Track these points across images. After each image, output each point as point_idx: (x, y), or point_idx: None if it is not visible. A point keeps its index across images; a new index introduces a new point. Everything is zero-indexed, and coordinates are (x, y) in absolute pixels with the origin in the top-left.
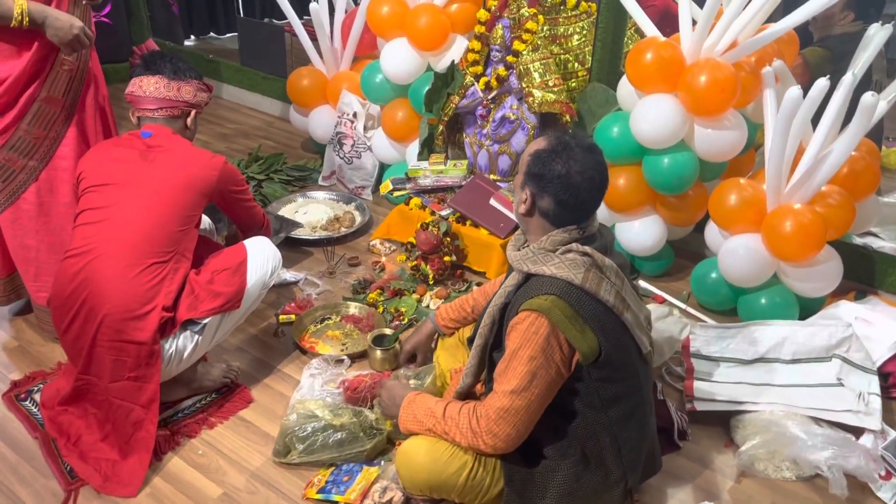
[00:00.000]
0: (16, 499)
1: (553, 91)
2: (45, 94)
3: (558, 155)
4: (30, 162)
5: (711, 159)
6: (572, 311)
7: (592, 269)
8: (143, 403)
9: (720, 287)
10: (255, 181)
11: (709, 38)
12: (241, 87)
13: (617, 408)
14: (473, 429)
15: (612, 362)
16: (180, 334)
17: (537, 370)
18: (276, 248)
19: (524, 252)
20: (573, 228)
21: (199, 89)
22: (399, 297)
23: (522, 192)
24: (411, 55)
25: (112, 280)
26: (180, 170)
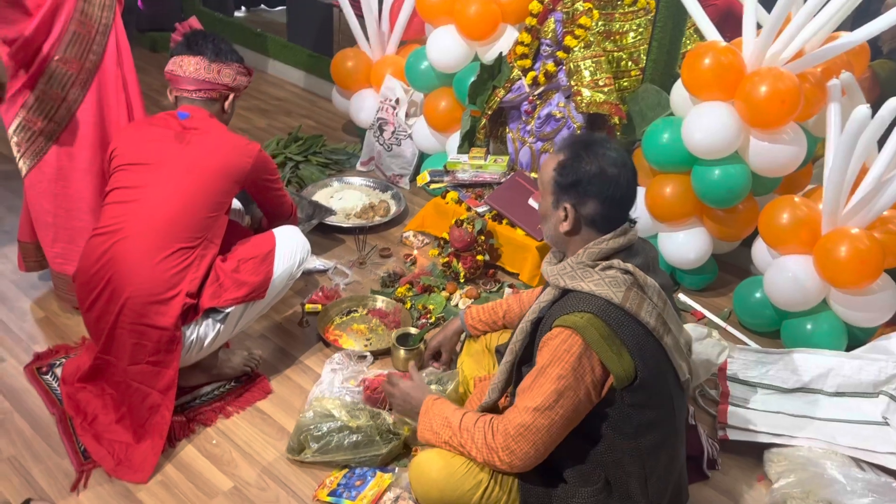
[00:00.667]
0: (28, 475)
1: (603, 91)
2: (60, 56)
3: (583, 157)
4: (49, 124)
5: (766, 174)
6: (609, 332)
7: (634, 288)
8: (161, 389)
9: (764, 308)
10: (292, 162)
11: (773, 46)
12: (287, 64)
13: (648, 436)
14: (489, 444)
15: (648, 388)
16: (202, 321)
17: (565, 390)
18: (305, 238)
19: (561, 266)
20: (614, 236)
21: (239, 73)
22: (428, 294)
23: (558, 210)
24: (458, 43)
25: (137, 263)
26: (214, 155)
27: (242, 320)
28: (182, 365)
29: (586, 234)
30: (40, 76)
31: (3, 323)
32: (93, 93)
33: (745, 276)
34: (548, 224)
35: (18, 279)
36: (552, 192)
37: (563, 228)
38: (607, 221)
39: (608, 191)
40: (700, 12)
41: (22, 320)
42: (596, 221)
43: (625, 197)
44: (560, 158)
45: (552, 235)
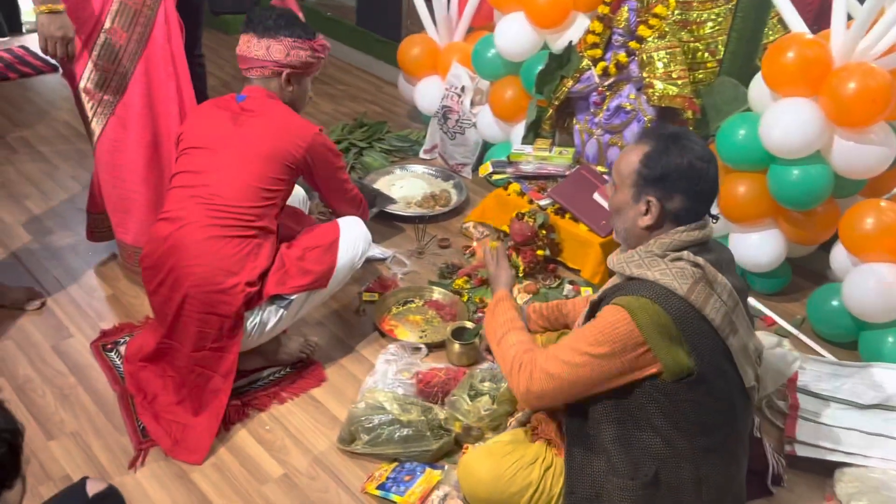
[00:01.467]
0: (88, 450)
1: (676, 84)
2: (110, 25)
3: (671, 150)
4: (105, 96)
5: (850, 176)
6: (667, 320)
7: (701, 283)
8: (223, 373)
9: (841, 317)
10: (356, 148)
11: (865, 40)
12: (355, 48)
13: (705, 438)
14: (512, 373)
15: (707, 386)
16: (266, 307)
17: (596, 357)
18: (367, 229)
19: (629, 254)
20: (689, 229)
21: (294, 47)
22: (486, 287)
23: (639, 203)
24: (527, 31)
25: (197, 251)
26: (267, 138)
27: (305, 308)
28: (243, 349)
29: (669, 227)
30: (93, 47)
31: (73, 299)
32: (142, 65)
33: (820, 281)
34: (623, 217)
35: (90, 258)
36: (634, 184)
37: (643, 223)
38: (692, 216)
39: (696, 185)
40: (786, 1)
41: (90, 297)
42: (680, 217)
43: (712, 192)
44: (646, 150)
45: (627, 229)
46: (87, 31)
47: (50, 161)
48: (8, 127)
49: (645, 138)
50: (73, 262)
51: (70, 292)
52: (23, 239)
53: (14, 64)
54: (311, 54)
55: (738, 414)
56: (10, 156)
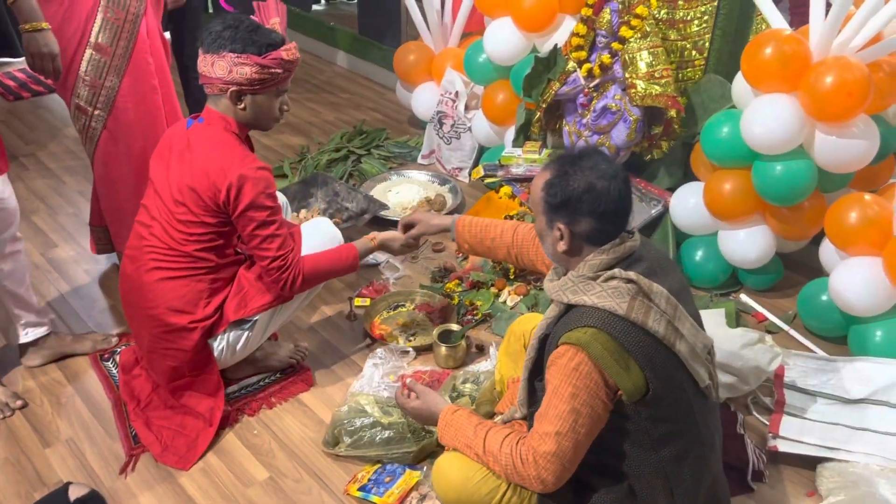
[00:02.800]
0: (81, 456)
1: (660, 83)
2: (95, 41)
3: (569, 174)
4: (95, 111)
5: (833, 170)
6: (615, 345)
7: (639, 297)
8: (211, 392)
9: (830, 312)
10: (354, 156)
11: (843, 32)
12: (358, 57)
13: (669, 447)
14: (518, 471)
15: (663, 400)
16: (230, 331)
17: (581, 408)
18: (336, 230)
19: (562, 281)
20: (614, 245)
21: (235, 63)
22: (476, 290)
23: (552, 231)
24: (515, 35)
25: (151, 295)
26: (194, 175)
27: (272, 323)
28: (222, 367)
29: (587, 250)
30: (80, 63)
31: (73, 309)
32: (128, 79)
33: (814, 276)
34: (545, 244)
35: (91, 268)
36: (543, 211)
37: (560, 248)
38: (605, 236)
39: (600, 206)
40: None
41: (90, 308)
42: (593, 238)
43: (619, 210)
44: (547, 177)
45: (553, 255)
46: (73, 48)
47: (58, 177)
48: (19, 146)
49: (548, 165)
50: (75, 275)
51: (72, 304)
52: (28, 254)
53: (28, 83)
54: (259, 70)
55: (697, 417)
56: (21, 173)
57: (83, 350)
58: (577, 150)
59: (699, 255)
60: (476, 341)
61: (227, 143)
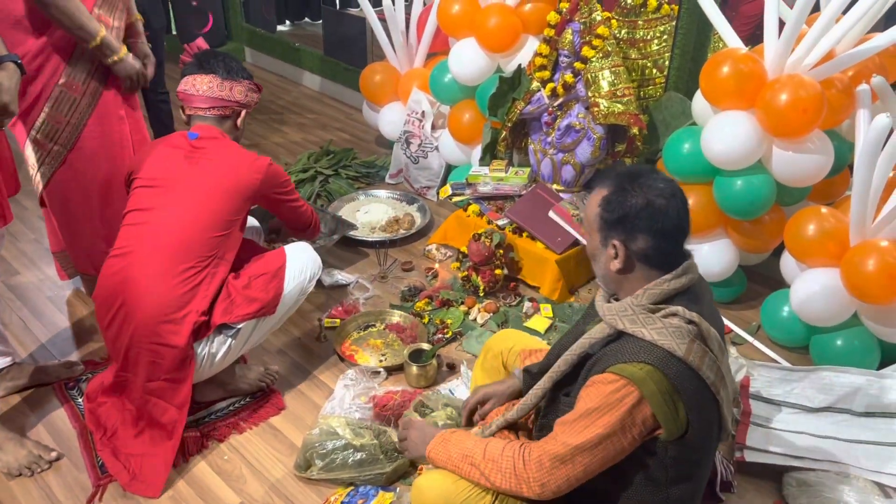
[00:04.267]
0: (47, 488)
1: (621, 101)
2: (66, 80)
3: (628, 189)
4: (54, 146)
5: (791, 184)
6: (669, 386)
7: (697, 341)
8: (178, 404)
9: (792, 323)
10: (322, 176)
11: (797, 51)
12: (324, 77)
13: (681, 487)
14: (519, 473)
15: (694, 442)
16: (214, 337)
17: (609, 436)
18: (316, 254)
19: (621, 306)
20: (675, 277)
21: (250, 89)
22: (446, 309)
23: (607, 248)
24: (480, 56)
25: (148, 284)
26: (224, 173)
27: (254, 336)
28: (196, 380)
29: (641, 271)
30: (47, 100)
31: (36, 338)
32: (95, 114)
33: (777, 287)
34: (598, 264)
35: (54, 294)
36: (599, 228)
37: (614, 267)
38: (661, 256)
39: (658, 223)
40: (719, 16)
41: (55, 336)
42: (649, 257)
43: (676, 228)
44: (604, 193)
45: (604, 275)
46: (42, 84)
47: (18, 202)
48: None
49: (604, 181)
50: (38, 302)
51: (35, 332)
52: None
53: None
54: (258, 96)
55: (711, 459)
56: None
57: (47, 380)
58: (634, 168)
59: None
60: (447, 360)
61: (239, 146)
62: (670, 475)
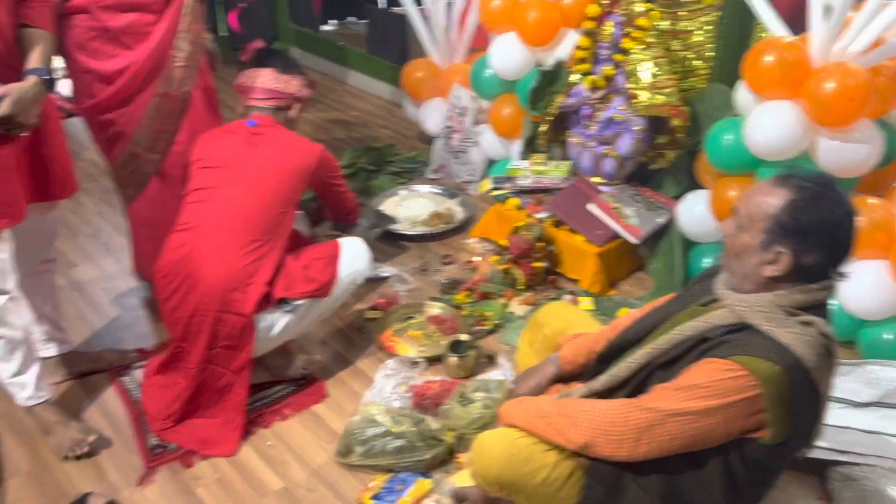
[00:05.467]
0: (100, 469)
1: (663, 92)
2: (164, 91)
3: (819, 201)
4: (153, 155)
5: (837, 174)
6: (790, 393)
7: (825, 356)
8: (235, 369)
9: (839, 317)
10: (365, 172)
11: (843, 39)
12: (367, 75)
13: (753, 491)
14: (598, 426)
15: (785, 452)
16: (274, 311)
17: (708, 418)
18: (368, 248)
19: (758, 300)
20: (822, 287)
21: (304, 84)
22: (486, 301)
23: (767, 252)
24: (520, 50)
25: (215, 256)
26: (283, 156)
27: (309, 316)
28: (252, 354)
29: (793, 280)
30: (145, 111)
31: (91, 327)
32: (186, 122)
33: None
34: (743, 262)
35: (109, 286)
36: (767, 230)
37: (767, 273)
38: (821, 274)
39: (838, 244)
40: (764, 6)
41: (109, 325)
42: (810, 273)
43: (850, 250)
44: (792, 197)
45: (747, 275)
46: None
47: (76, 198)
48: None
49: (790, 181)
50: (94, 294)
51: (91, 322)
52: None
53: None
54: (311, 92)
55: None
56: None
57: (102, 366)
58: (821, 175)
59: (707, 262)
60: (486, 351)
61: (295, 133)
62: (750, 477)
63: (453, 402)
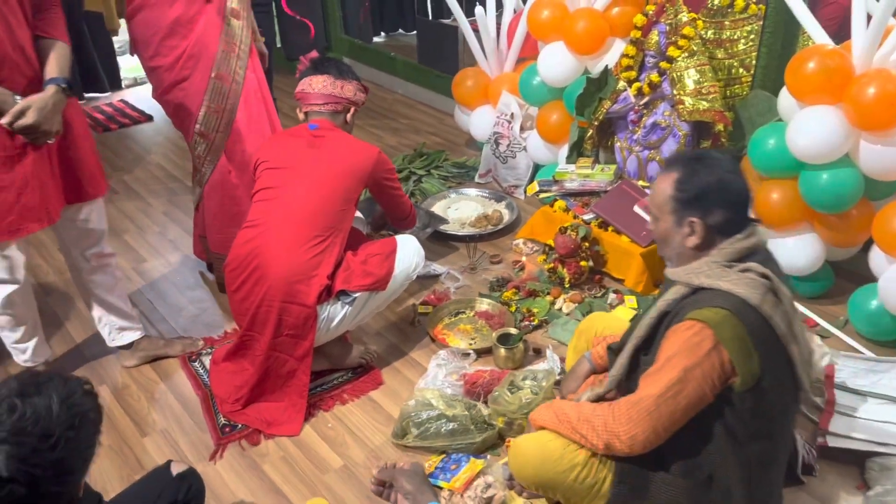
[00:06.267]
0: (175, 445)
1: (707, 99)
2: (216, 72)
3: (699, 170)
4: (217, 135)
5: (879, 177)
6: (744, 331)
7: (770, 293)
8: (298, 356)
9: (881, 317)
10: (416, 176)
11: (885, 45)
12: (417, 84)
13: (759, 445)
14: (610, 428)
15: (767, 395)
16: (334, 303)
17: (690, 380)
18: (420, 246)
19: (696, 265)
20: (745, 236)
21: (358, 89)
22: (533, 298)
23: (682, 227)
24: (567, 59)
25: (281, 250)
26: (342, 157)
27: (366, 308)
28: (314, 343)
29: (717, 241)
30: (205, 93)
31: (162, 316)
32: (242, 103)
33: (865, 283)
34: (671, 245)
35: (177, 280)
36: (672, 210)
37: (690, 243)
38: (735, 226)
39: (731, 196)
40: (806, 13)
41: (177, 315)
42: (724, 229)
43: (746, 199)
44: (676, 176)
45: (679, 254)
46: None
47: (144, 199)
48: (109, 172)
49: (671, 166)
50: (163, 286)
51: (161, 312)
52: (122, 268)
53: (115, 116)
54: (366, 96)
55: (789, 420)
56: (112, 196)
57: (174, 352)
58: (696, 151)
59: None
60: (533, 345)
61: (352, 136)
62: (749, 430)
63: (503, 390)
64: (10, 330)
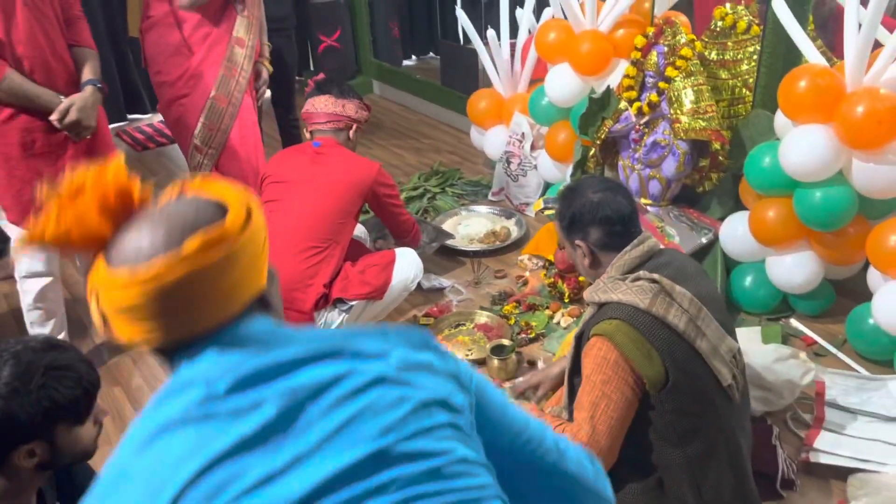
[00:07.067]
0: None
1: (703, 118)
2: (215, 93)
3: (569, 196)
4: (209, 150)
5: (873, 195)
6: (637, 335)
7: (661, 295)
8: None
9: (878, 335)
10: (430, 193)
11: (876, 65)
12: (440, 105)
13: (694, 444)
14: None
15: (684, 391)
16: (331, 310)
17: (611, 393)
18: (419, 259)
19: (596, 284)
20: (633, 247)
21: (359, 107)
22: (532, 312)
23: (575, 250)
24: (573, 79)
25: (280, 259)
26: (343, 172)
27: (363, 317)
28: None
29: (607, 258)
30: (202, 111)
31: None
32: (238, 120)
33: (866, 301)
34: (579, 269)
35: None
36: (564, 238)
37: (586, 263)
38: (617, 238)
39: (603, 212)
40: (800, 33)
41: None
42: (607, 244)
43: (619, 213)
44: (556, 208)
45: (588, 276)
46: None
47: None
48: None
49: (555, 202)
50: None
51: None
52: None
53: (154, 136)
54: (368, 114)
55: (721, 416)
56: None
57: None
58: (573, 182)
59: (749, 281)
60: (528, 357)
61: (354, 153)
62: (679, 432)
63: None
64: (40, 325)
